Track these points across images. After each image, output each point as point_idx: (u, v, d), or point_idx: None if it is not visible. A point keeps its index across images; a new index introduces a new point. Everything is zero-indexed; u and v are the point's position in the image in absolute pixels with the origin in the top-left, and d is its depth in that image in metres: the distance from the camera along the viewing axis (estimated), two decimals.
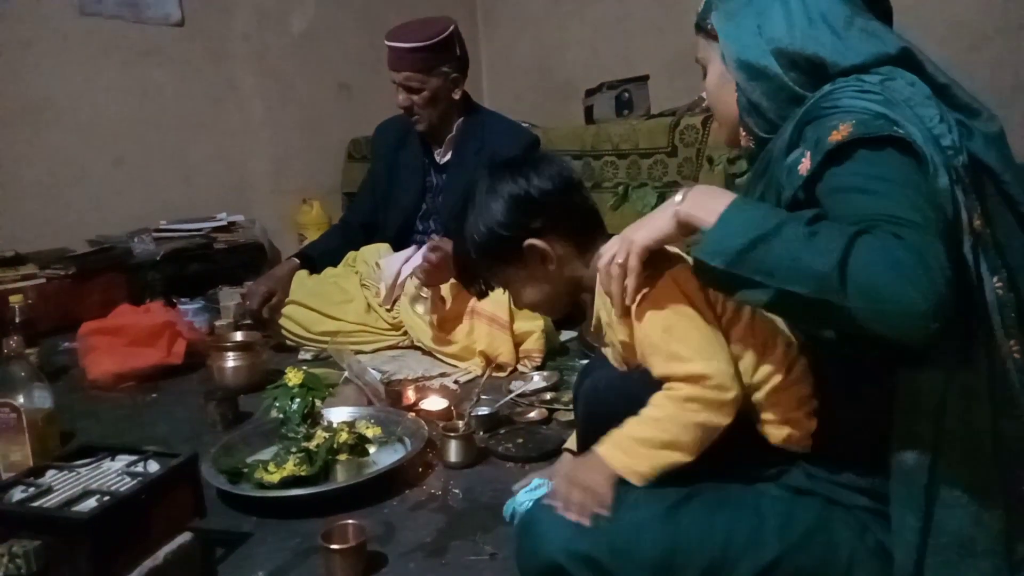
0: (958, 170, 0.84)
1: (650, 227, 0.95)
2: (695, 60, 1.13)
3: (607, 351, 1.20)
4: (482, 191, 1.17)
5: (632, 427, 0.96)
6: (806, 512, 0.90)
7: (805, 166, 0.87)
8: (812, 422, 0.95)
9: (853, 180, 0.83)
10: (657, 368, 0.98)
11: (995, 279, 0.83)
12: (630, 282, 0.95)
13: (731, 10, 1.02)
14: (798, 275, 0.78)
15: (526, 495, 1.21)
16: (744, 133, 1.05)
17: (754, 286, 0.81)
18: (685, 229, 0.91)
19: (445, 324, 2.09)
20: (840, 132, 0.84)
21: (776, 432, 0.96)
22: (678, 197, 0.92)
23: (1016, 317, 0.84)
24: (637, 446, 0.94)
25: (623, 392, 1.04)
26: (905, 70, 0.91)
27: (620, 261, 0.95)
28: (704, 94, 1.14)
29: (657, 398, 0.96)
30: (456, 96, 2.29)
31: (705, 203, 0.88)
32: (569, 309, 1.24)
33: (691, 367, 0.93)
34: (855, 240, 0.76)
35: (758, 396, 0.97)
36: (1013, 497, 0.83)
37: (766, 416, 0.97)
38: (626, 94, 2.86)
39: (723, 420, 0.92)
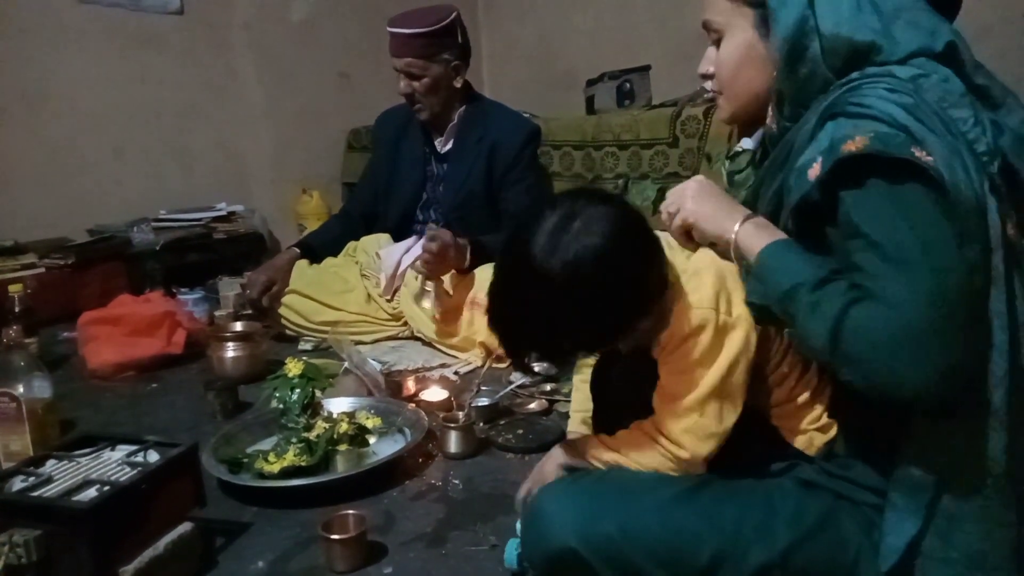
0: (993, 177, 0.81)
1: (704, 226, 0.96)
2: (703, 24, 1.01)
3: None
4: (568, 283, 0.90)
5: (610, 451, 1.01)
6: (816, 505, 0.90)
7: (815, 171, 0.82)
8: (832, 431, 0.96)
9: (866, 224, 0.79)
10: (661, 401, 0.98)
11: None
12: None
13: None
14: (806, 342, 0.83)
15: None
16: (772, 114, 0.97)
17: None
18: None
19: (446, 315, 2.09)
20: (855, 143, 0.79)
21: (798, 439, 0.97)
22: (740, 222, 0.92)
23: None
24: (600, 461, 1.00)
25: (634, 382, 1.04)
26: (944, 65, 0.86)
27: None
28: (709, 67, 1.03)
29: (645, 440, 0.98)
30: (457, 84, 2.28)
31: (753, 239, 0.90)
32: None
33: (681, 444, 0.95)
34: (847, 311, 0.78)
35: (785, 408, 0.98)
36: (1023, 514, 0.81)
37: (788, 424, 0.98)
38: (627, 84, 2.84)
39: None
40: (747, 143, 1.13)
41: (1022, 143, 0.85)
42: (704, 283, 0.95)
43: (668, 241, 1.02)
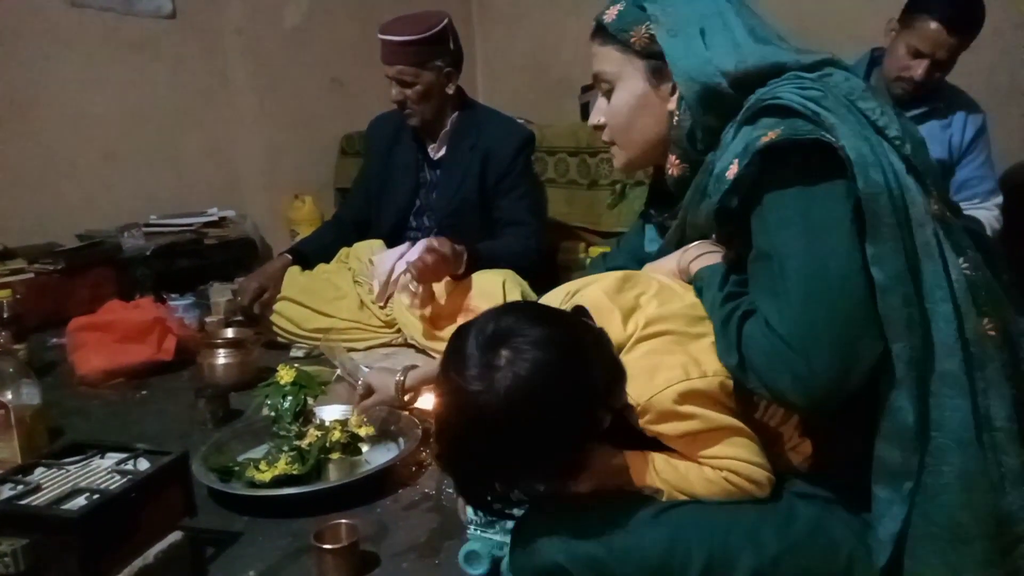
0: (909, 158, 0.86)
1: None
2: (593, 77, 1.06)
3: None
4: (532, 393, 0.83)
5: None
6: (806, 512, 0.90)
7: (733, 171, 0.87)
8: (807, 448, 0.95)
9: (761, 231, 0.87)
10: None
11: (961, 260, 0.85)
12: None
13: (673, 26, 0.96)
14: (723, 359, 0.89)
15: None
16: (676, 160, 1.00)
17: None
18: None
19: (440, 322, 2.08)
20: (768, 136, 0.84)
21: (778, 462, 0.96)
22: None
23: (987, 296, 0.85)
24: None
25: None
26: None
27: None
28: (600, 117, 1.06)
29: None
30: (450, 91, 2.28)
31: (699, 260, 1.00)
32: None
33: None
34: (742, 328, 0.87)
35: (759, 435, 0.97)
36: (1000, 480, 0.83)
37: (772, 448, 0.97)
38: None
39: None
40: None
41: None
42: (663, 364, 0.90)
43: (670, 284, 1.02)
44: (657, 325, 0.93)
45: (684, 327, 0.93)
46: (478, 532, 1.14)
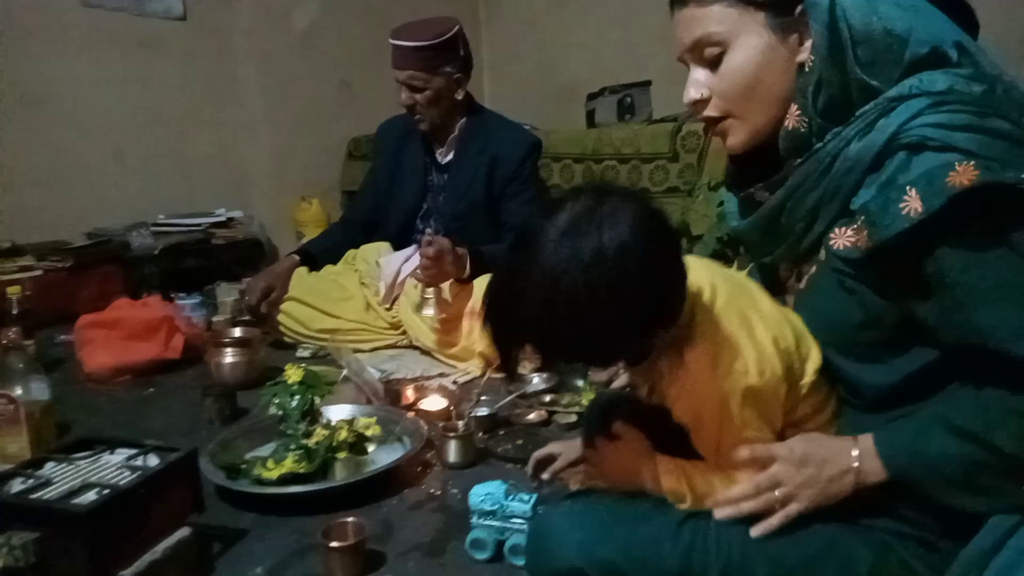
0: None
1: (826, 493, 0.87)
2: (695, 43, 0.89)
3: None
4: (579, 292, 0.79)
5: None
6: (823, 528, 0.88)
7: (914, 207, 0.75)
8: None
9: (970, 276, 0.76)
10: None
11: None
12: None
13: None
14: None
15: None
16: (797, 110, 0.87)
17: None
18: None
19: (446, 324, 2.09)
20: (960, 175, 0.72)
21: None
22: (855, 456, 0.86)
23: None
24: None
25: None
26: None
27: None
28: (704, 90, 0.90)
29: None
30: (459, 96, 2.29)
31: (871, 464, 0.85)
32: None
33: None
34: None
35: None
36: None
37: None
38: (628, 99, 2.87)
39: None
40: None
41: None
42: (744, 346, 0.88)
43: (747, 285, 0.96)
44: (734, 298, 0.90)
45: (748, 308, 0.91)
46: (481, 521, 1.20)
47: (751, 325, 0.89)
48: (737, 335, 0.88)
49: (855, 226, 0.82)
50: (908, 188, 0.75)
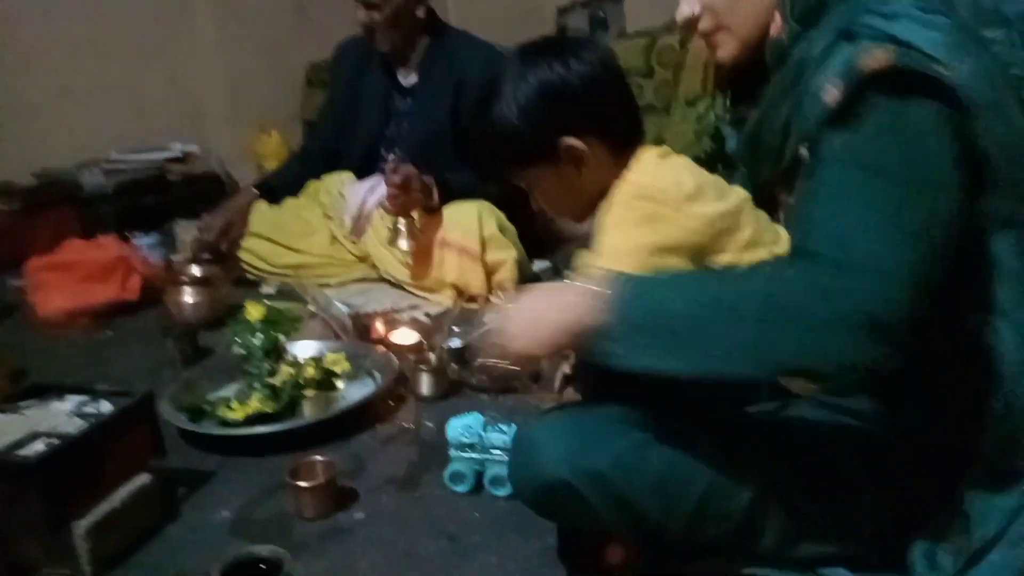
0: None
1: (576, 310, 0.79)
2: None
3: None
4: (512, 78, 1.01)
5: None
6: (811, 434, 0.87)
7: (833, 95, 0.73)
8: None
9: (845, 164, 0.73)
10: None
11: None
12: None
13: None
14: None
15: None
16: (779, 21, 0.85)
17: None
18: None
19: (417, 256, 2.03)
20: (875, 59, 0.71)
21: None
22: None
23: None
24: None
25: None
26: None
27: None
28: (696, 5, 0.89)
29: None
30: (420, 14, 2.16)
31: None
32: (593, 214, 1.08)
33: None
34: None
35: None
36: None
37: None
38: (600, 12, 2.74)
39: None
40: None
41: None
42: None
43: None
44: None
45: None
46: (460, 454, 1.18)
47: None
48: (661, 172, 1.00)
49: None
50: (831, 76, 0.74)
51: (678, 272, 0.90)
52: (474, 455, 1.17)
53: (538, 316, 0.83)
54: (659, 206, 0.95)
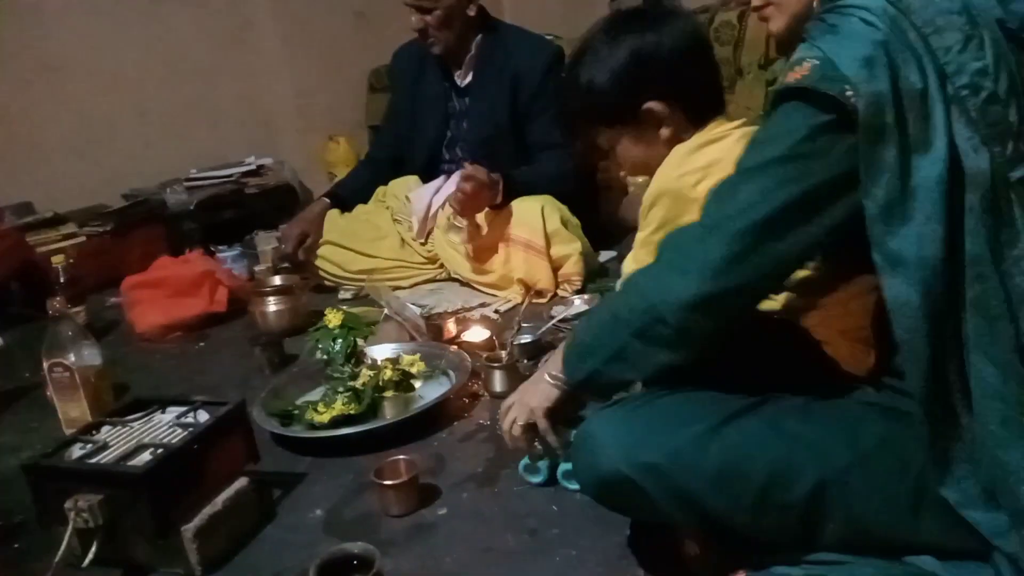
0: (982, 112, 0.72)
1: (541, 396, 1.03)
2: None
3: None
4: (602, 40, 1.08)
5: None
6: (875, 423, 0.86)
7: (794, 76, 0.78)
8: (870, 354, 0.91)
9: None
10: None
11: None
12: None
13: None
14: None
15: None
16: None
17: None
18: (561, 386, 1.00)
19: (481, 254, 2.06)
20: (796, 73, 0.77)
21: (841, 351, 0.93)
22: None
23: None
24: None
25: None
26: None
27: (521, 424, 1.05)
28: None
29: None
30: (471, 13, 2.18)
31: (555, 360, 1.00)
32: None
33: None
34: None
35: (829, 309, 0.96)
36: None
37: (829, 333, 0.95)
38: None
39: None
40: None
41: None
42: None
43: None
44: None
45: None
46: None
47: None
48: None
49: None
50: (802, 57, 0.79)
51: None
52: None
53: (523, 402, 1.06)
54: (675, 203, 1.07)
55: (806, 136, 0.76)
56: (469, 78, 2.27)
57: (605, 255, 2.20)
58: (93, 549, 1.06)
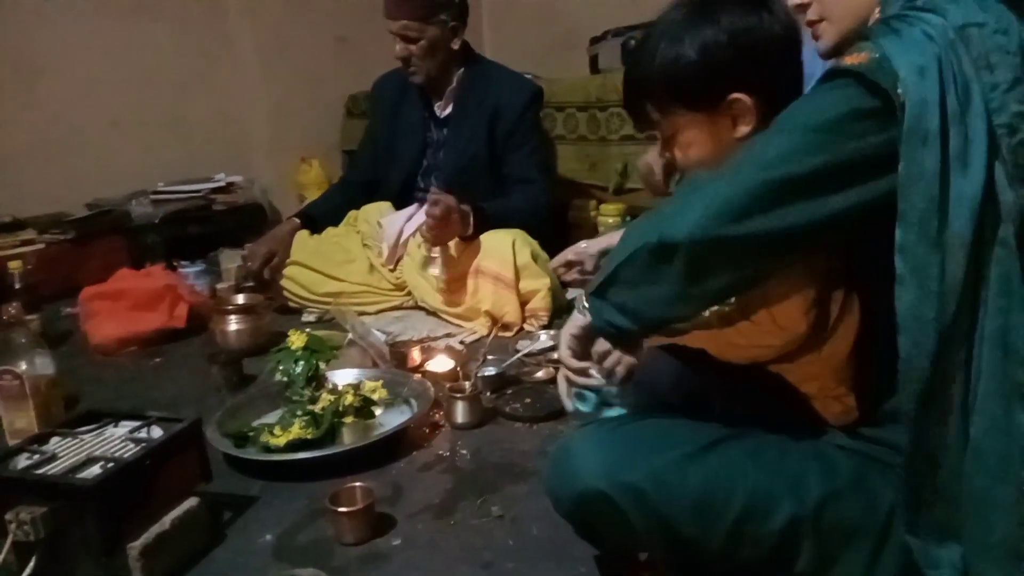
0: (1013, 152, 0.74)
1: (570, 322, 0.98)
2: None
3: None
4: (699, 15, 0.96)
5: None
6: (848, 465, 0.88)
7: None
8: (849, 400, 0.93)
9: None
10: None
11: None
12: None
13: None
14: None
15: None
16: (878, 11, 0.88)
17: None
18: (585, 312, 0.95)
19: (451, 284, 2.07)
20: (854, 58, 0.77)
21: (818, 402, 0.95)
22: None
23: None
24: None
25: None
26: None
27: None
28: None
29: None
30: (455, 46, 2.22)
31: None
32: None
33: None
34: None
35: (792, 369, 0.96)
36: None
37: (805, 390, 0.96)
38: (632, 41, 2.76)
39: None
40: None
41: None
42: None
43: None
44: None
45: None
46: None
47: None
48: None
49: None
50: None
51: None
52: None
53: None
54: None
55: (848, 113, 0.77)
56: (449, 109, 2.30)
57: (573, 292, 2.22)
58: (31, 564, 1.02)
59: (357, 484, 1.23)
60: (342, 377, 1.62)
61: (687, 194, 0.86)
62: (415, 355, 1.81)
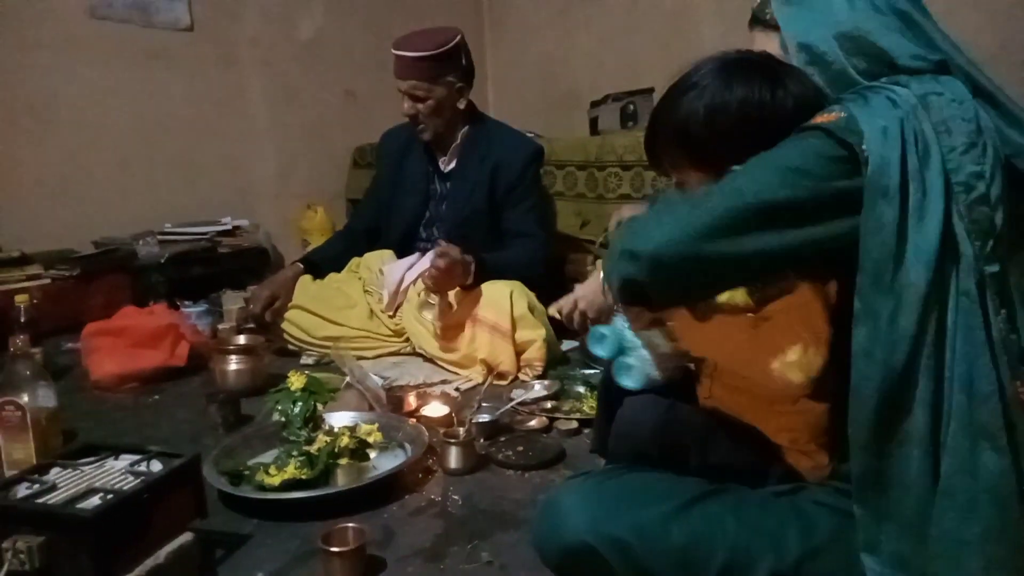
0: (969, 208, 0.80)
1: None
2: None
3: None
4: (718, 76, 0.97)
5: None
6: (827, 521, 0.91)
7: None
8: (820, 456, 0.96)
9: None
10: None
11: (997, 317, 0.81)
12: None
13: None
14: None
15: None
16: None
17: None
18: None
19: (448, 332, 2.10)
20: (825, 117, 0.85)
21: (793, 460, 0.98)
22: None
23: (1018, 357, 0.81)
24: None
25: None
26: (958, 77, 0.87)
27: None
28: None
29: None
30: (461, 105, 2.31)
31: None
32: None
33: None
34: None
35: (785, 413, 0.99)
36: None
37: (778, 442, 0.99)
38: (631, 106, 2.87)
39: None
40: None
41: None
42: None
43: None
44: None
45: None
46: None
47: None
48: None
49: None
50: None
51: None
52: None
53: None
54: None
55: (817, 156, 0.83)
56: (452, 164, 2.38)
57: (568, 344, 2.25)
58: None
59: (349, 525, 1.24)
60: (339, 419, 1.64)
61: (659, 212, 0.92)
62: (411, 400, 1.84)
